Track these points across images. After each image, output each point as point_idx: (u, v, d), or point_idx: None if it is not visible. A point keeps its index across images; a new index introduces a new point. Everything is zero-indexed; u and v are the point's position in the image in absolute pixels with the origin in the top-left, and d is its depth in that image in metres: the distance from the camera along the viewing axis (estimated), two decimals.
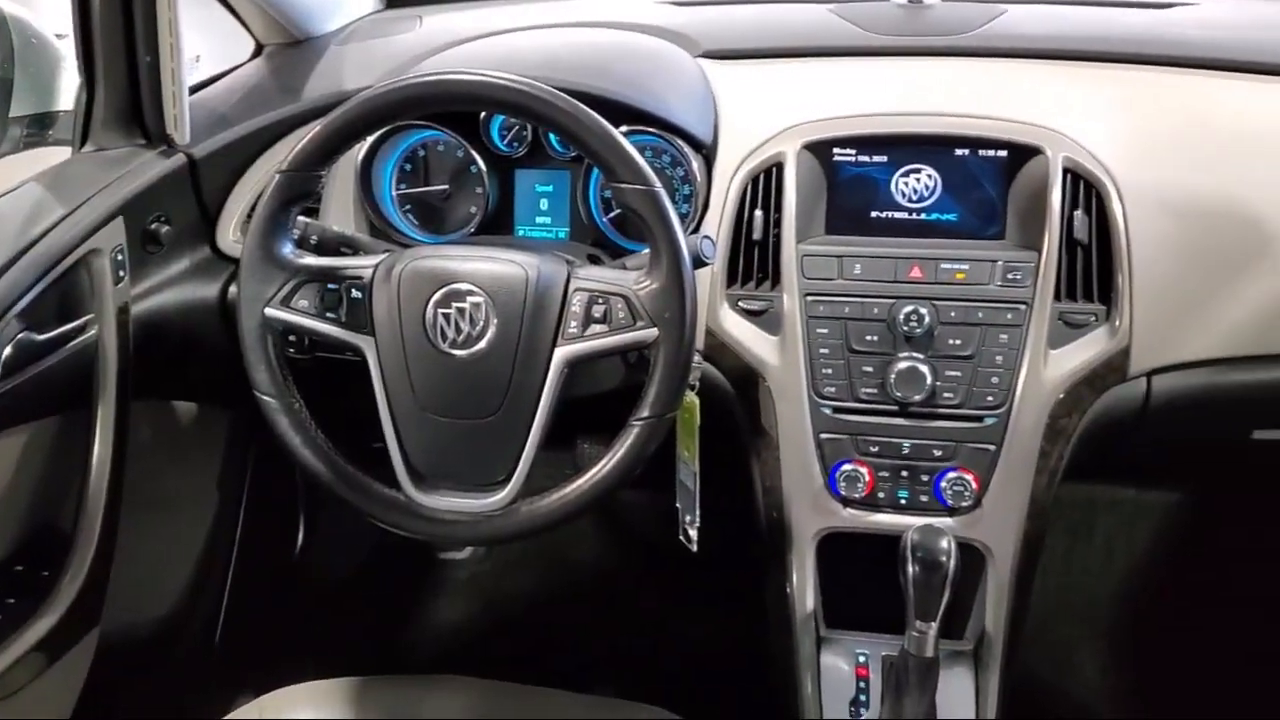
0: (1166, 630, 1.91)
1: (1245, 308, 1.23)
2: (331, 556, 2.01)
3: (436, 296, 1.08)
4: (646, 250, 1.07)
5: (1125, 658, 1.90)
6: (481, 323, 1.07)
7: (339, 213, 1.39)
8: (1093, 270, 1.23)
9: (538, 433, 1.08)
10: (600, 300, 1.06)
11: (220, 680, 1.69)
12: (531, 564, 2.13)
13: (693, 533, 1.31)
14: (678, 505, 1.32)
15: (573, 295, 1.07)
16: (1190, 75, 1.33)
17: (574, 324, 1.07)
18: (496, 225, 1.41)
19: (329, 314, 1.11)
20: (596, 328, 1.07)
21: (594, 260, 1.30)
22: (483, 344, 1.07)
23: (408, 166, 1.42)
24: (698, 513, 1.31)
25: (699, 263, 1.10)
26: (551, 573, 2.13)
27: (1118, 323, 1.22)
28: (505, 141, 1.40)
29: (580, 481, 1.08)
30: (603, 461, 1.08)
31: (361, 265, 1.11)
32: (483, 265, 1.09)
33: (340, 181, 1.39)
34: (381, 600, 2.08)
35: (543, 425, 1.08)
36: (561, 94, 1.04)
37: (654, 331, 1.05)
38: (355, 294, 1.10)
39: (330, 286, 1.11)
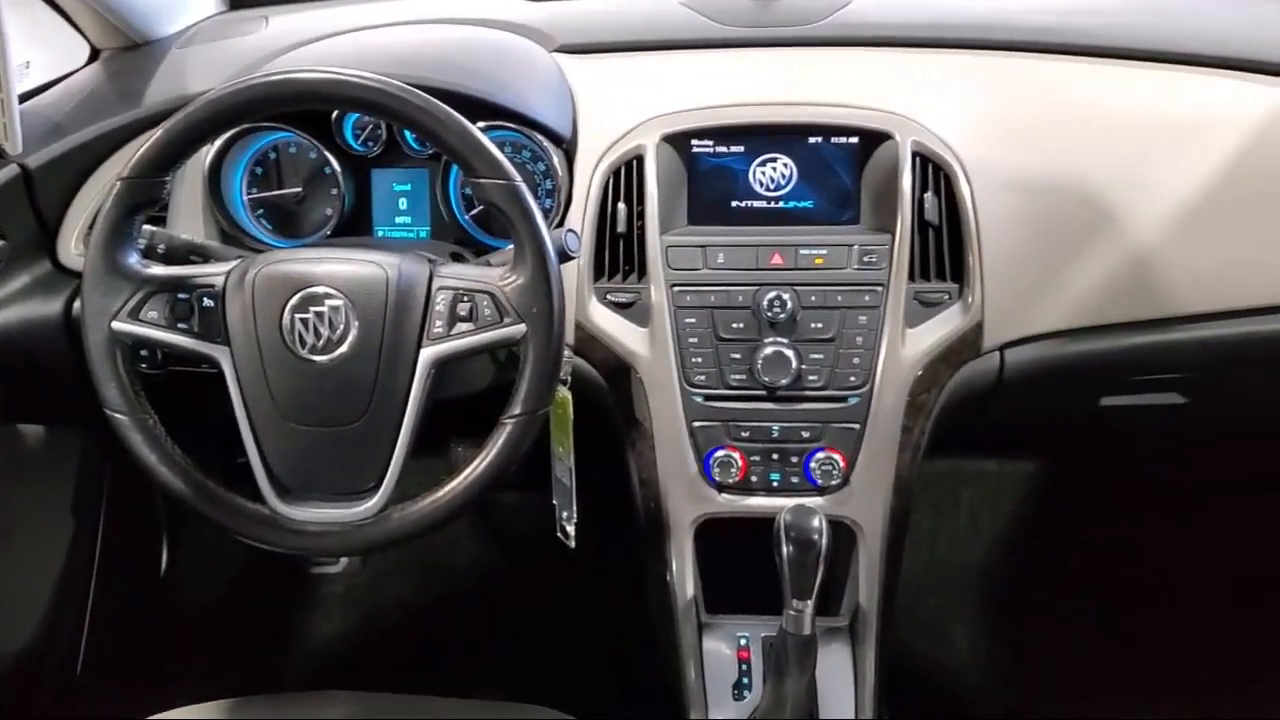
0: (1033, 595, 1.99)
1: (1088, 280, 1.28)
2: (199, 577, 1.94)
3: (293, 301, 1.05)
4: (510, 246, 1.07)
5: (995, 625, 1.97)
6: (342, 326, 1.04)
7: (187, 220, 1.34)
8: (944, 250, 1.27)
9: (406, 437, 1.06)
10: (465, 298, 1.05)
11: (84, 714, 1.61)
12: (409, 573, 2.10)
13: (570, 529, 1.31)
14: (554, 502, 1.32)
15: (436, 294, 1.05)
16: (1031, 59, 1.38)
17: (439, 323, 1.05)
18: (354, 227, 1.37)
19: (180, 325, 1.07)
20: (463, 326, 1.05)
21: (457, 258, 1.28)
22: (344, 348, 1.04)
23: (259, 170, 1.37)
24: (575, 508, 1.30)
25: (564, 257, 1.09)
26: (430, 580, 2.10)
27: (970, 300, 1.26)
28: (359, 141, 1.37)
29: (453, 484, 1.07)
30: (475, 462, 1.07)
31: (213, 273, 1.08)
32: (341, 267, 1.06)
33: (188, 187, 1.34)
34: (254, 619, 2.02)
35: (411, 429, 1.06)
36: (416, 90, 1.03)
37: (522, 327, 1.04)
38: (207, 303, 1.07)
39: (180, 296, 1.07)
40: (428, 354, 1.05)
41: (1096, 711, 1.07)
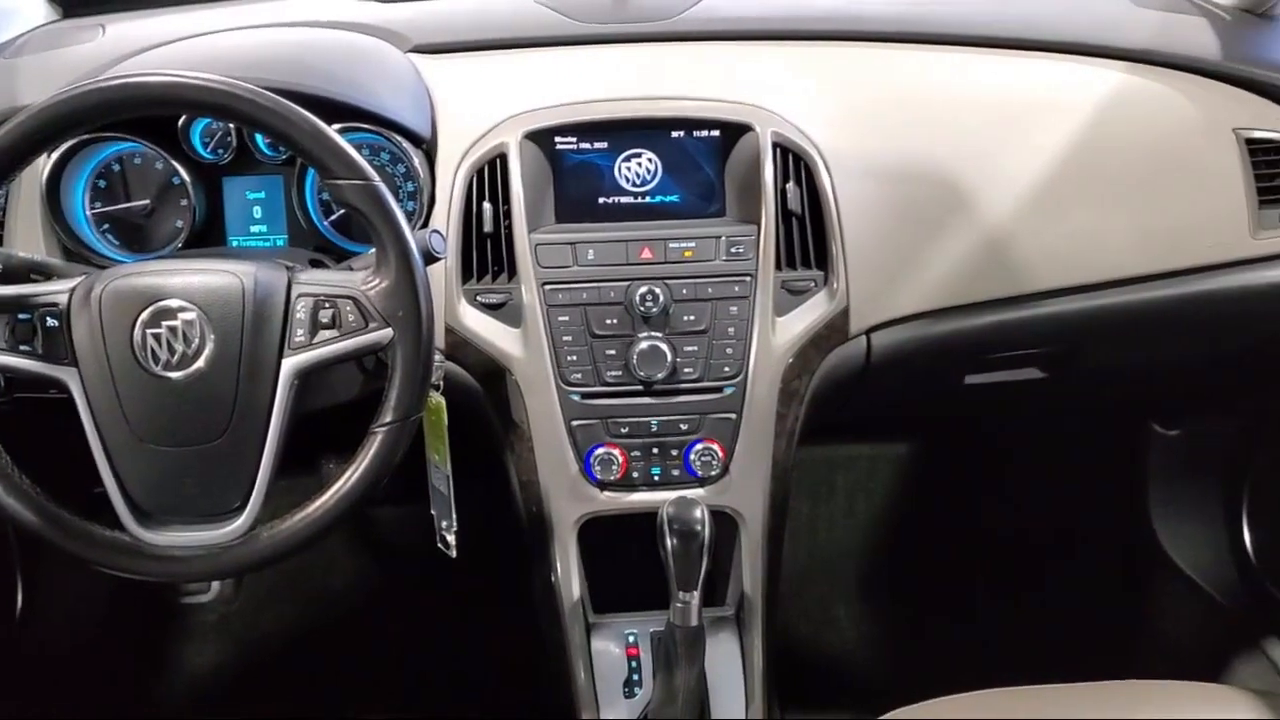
0: (909, 573, 2.04)
1: (947, 262, 1.32)
2: (59, 617, 1.83)
3: (144, 316, 1.00)
4: (373, 250, 1.04)
5: (875, 605, 2.01)
6: (197, 340, 1.00)
7: (26, 237, 1.27)
8: (808, 239, 1.28)
9: (272, 452, 1.02)
10: (327, 304, 1.02)
11: None
12: (285, 598, 2.03)
13: (451, 538, 1.28)
14: (433, 512, 1.29)
15: (296, 302, 1.02)
16: (884, 49, 1.41)
17: (300, 332, 1.02)
18: (207, 239, 1.32)
19: (23, 347, 1.01)
20: (326, 334, 1.02)
21: (317, 265, 1.24)
22: (200, 363, 1.00)
23: (102, 183, 1.31)
24: (454, 517, 1.28)
25: (430, 258, 1.07)
26: (308, 605, 2.03)
27: (835, 286, 1.28)
28: (208, 149, 1.31)
29: (324, 498, 1.04)
30: (347, 473, 1.03)
31: (56, 290, 1.02)
32: (193, 278, 1.02)
33: (24, 203, 1.27)
34: (122, 657, 1.92)
35: (276, 444, 1.02)
36: (266, 92, 0.99)
37: (389, 332, 1.02)
38: (51, 322, 1.01)
39: (22, 317, 1.01)
40: (290, 364, 1.01)
41: (977, 682, 1.11)
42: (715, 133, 1.30)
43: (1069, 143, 1.34)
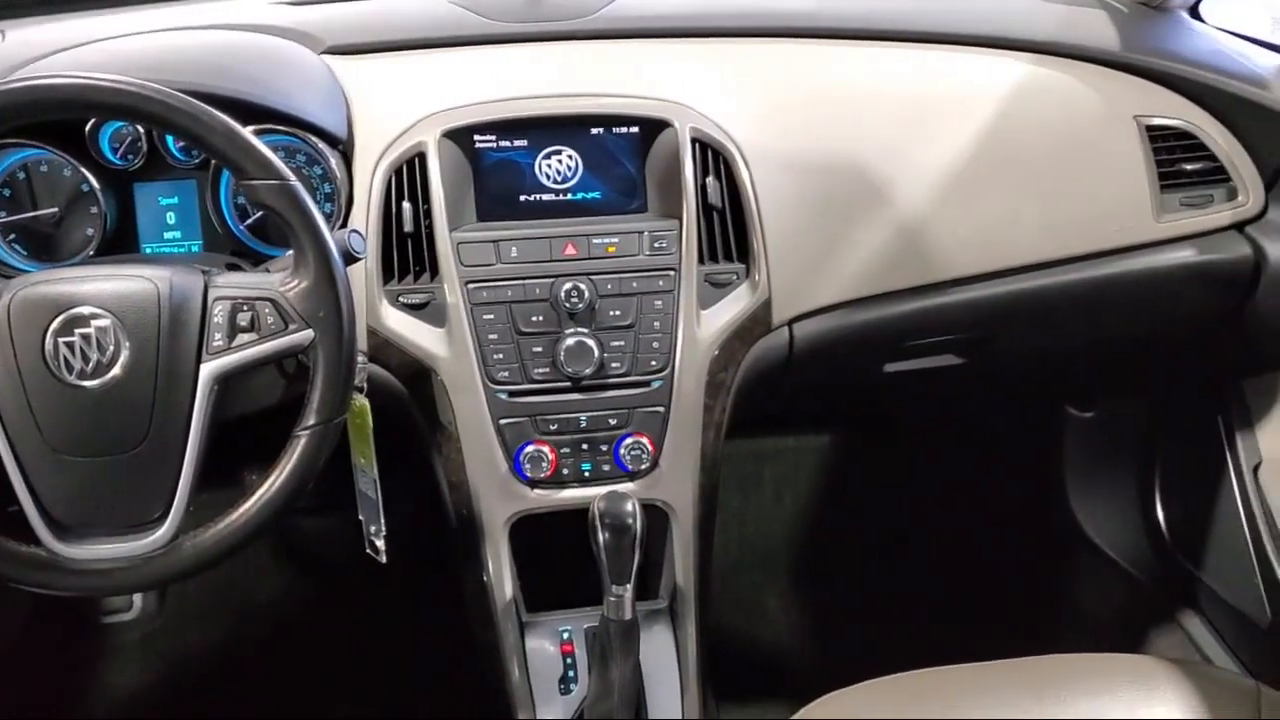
0: (838, 561, 2.07)
1: (864, 252, 1.34)
2: None
3: (55, 324, 0.97)
4: (291, 253, 1.02)
5: (806, 594, 2.04)
6: (112, 347, 0.98)
7: None
8: (729, 232, 1.30)
9: (193, 459, 1.00)
10: (245, 307, 1.00)
11: None
12: (213, 614, 1.98)
13: (380, 544, 1.27)
14: (360, 517, 1.28)
15: (213, 305, 1.00)
16: (798, 44, 1.43)
17: (219, 336, 1.00)
18: (119, 246, 1.29)
19: None
20: (244, 337, 1.00)
21: (234, 269, 1.22)
22: (116, 370, 0.98)
23: (7, 191, 1.27)
24: (383, 521, 1.27)
25: (350, 258, 1.06)
26: (237, 620, 1.99)
27: (757, 278, 1.29)
28: (118, 154, 1.28)
29: (248, 504, 1.02)
30: (271, 478, 1.02)
31: None
32: (106, 285, 0.99)
33: None
34: (41, 678, 1.86)
35: (197, 450, 1.00)
36: (176, 93, 0.97)
37: (309, 333, 1.00)
38: None
39: None
40: (209, 369, 1.00)
41: (907, 665, 1.13)
42: (634, 129, 1.31)
43: (979, 133, 1.37)
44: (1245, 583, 1.58)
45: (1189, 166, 1.40)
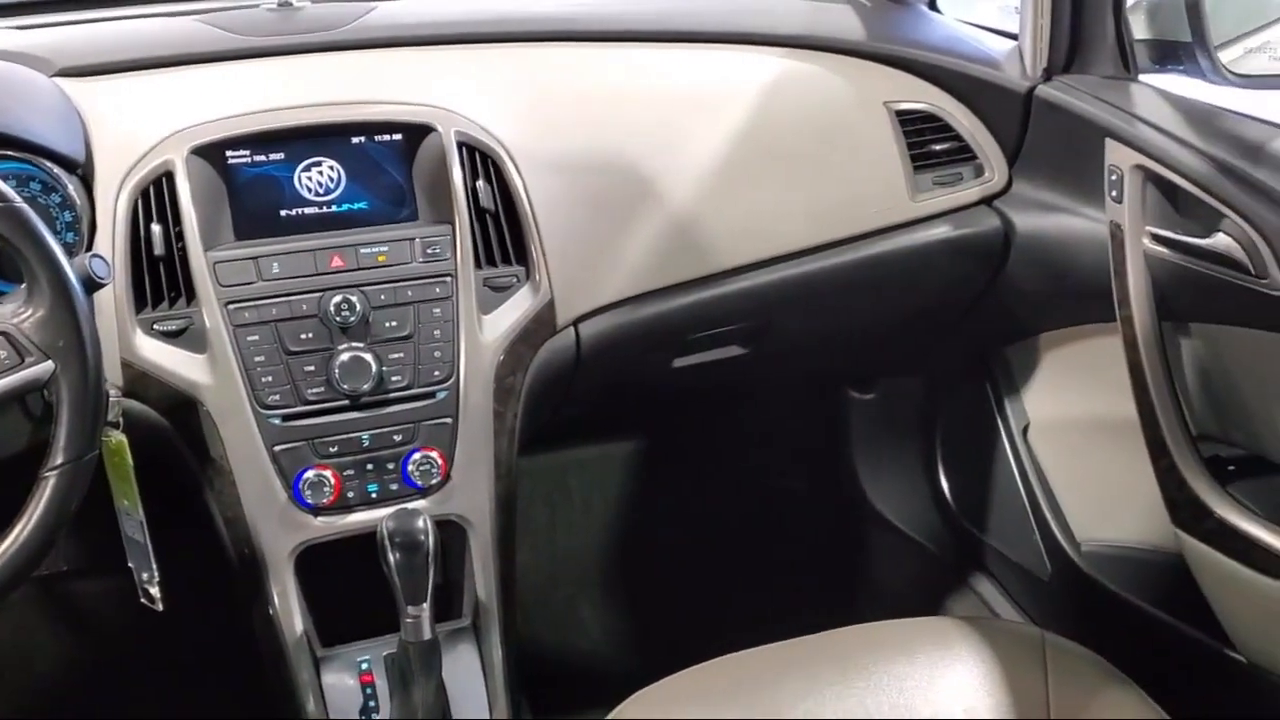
0: (649, 562, 2.08)
1: (641, 248, 1.35)
2: None
3: None
4: (23, 286, 0.94)
5: (619, 599, 2.04)
6: None
7: None
8: (505, 235, 1.28)
9: None
10: None
11: None
12: None
13: (154, 590, 1.19)
14: (130, 565, 1.19)
15: None
16: (562, 48, 1.44)
17: None
18: None
19: None
20: None
21: None
22: None
23: None
24: (155, 567, 1.18)
25: (93, 284, 0.98)
26: (15, 695, 1.82)
27: (538, 280, 1.28)
28: None
29: None
30: (18, 526, 0.93)
31: None
32: None
33: None
34: None
35: None
36: None
37: (49, 365, 0.93)
38: None
39: None
40: None
41: (721, 654, 1.14)
42: (398, 136, 1.28)
43: (740, 127, 1.41)
44: (1026, 541, 1.67)
45: (938, 147, 1.48)
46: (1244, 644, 1.27)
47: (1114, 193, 1.26)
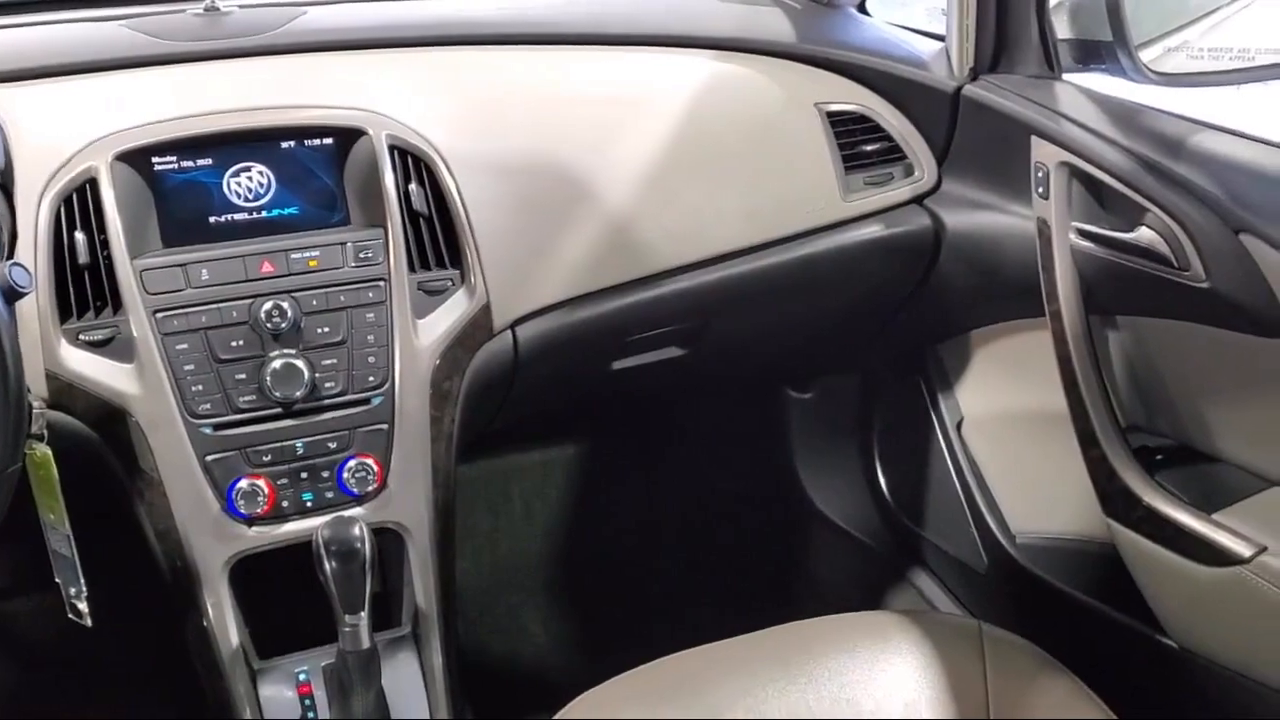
0: (593, 567, 2.08)
1: (577, 250, 1.35)
2: None
3: None
4: None
5: (563, 605, 2.03)
6: None
7: None
8: (439, 239, 1.27)
9: None
10: None
11: None
12: None
13: (82, 605, 1.16)
14: (58, 580, 1.16)
15: None
16: (492, 51, 1.43)
17: None
18: None
19: None
20: None
21: None
22: None
23: None
24: (83, 582, 1.16)
25: (12, 294, 0.96)
26: None
27: (473, 283, 1.28)
28: None
29: None
30: None
31: None
32: None
33: None
34: None
35: None
36: None
37: None
38: None
39: None
40: None
41: (668, 654, 1.15)
42: (328, 140, 1.26)
43: (674, 129, 1.41)
44: (962, 535, 1.70)
45: (869, 147, 1.49)
46: (1174, 629, 1.30)
47: (1040, 189, 1.29)
